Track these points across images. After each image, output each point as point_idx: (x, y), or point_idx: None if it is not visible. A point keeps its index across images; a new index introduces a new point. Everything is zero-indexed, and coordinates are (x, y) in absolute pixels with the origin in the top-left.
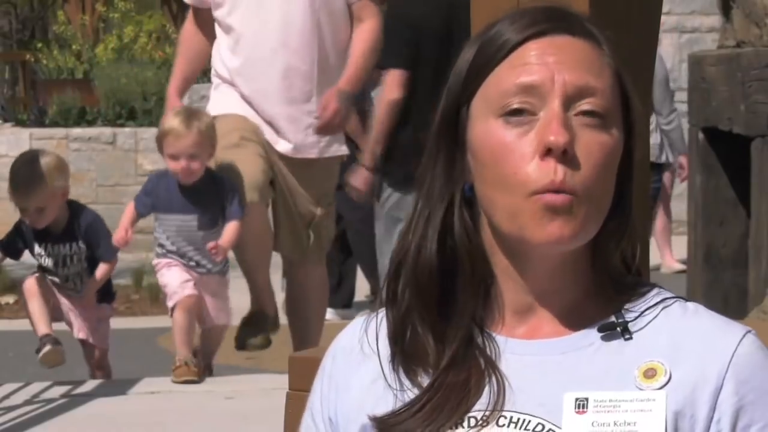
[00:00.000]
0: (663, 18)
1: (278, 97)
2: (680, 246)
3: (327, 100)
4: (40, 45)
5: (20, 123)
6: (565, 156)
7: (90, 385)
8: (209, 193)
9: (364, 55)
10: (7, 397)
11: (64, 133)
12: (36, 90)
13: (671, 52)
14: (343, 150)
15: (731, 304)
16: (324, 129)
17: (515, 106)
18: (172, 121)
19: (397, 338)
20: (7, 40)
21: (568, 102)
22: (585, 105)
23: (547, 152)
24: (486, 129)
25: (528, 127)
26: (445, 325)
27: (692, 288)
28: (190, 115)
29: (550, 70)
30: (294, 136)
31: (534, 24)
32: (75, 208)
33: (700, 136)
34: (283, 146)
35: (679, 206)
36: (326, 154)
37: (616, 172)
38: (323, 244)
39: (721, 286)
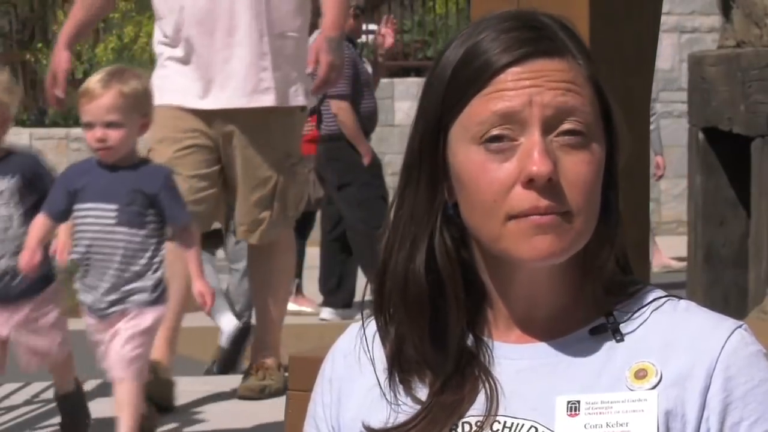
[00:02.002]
0: (663, 18)
1: (225, 42)
2: (680, 245)
3: (317, 53)
4: (40, 45)
5: (20, 123)
6: (549, 183)
7: (90, 385)
8: (139, 182)
9: None
10: (7, 397)
11: (64, 133)
12: (36, 90)
13: (671, 52)
14: (299, 100)
15: (731, 304)
16: (322, 86)
17: (494, 133)
18: (89, 80)
19: (393, 355)
20: (7, 41)
21: (548, 126)
22: (565, 126)
23: (530, 182)
24: (466, 156)
25: (509, 154)
26: (438, 345)
27: (692, 288)
28: (114, 73)
29: (527, 94)
30: (246, 84)
31: (509, 49)
32: (15, 149)
33: (700, 136)
34: (232, 99)
35: (680, 206)
36: (281, 103)
37: (601, 183)
38: (288, 214)
39: (721, 286)
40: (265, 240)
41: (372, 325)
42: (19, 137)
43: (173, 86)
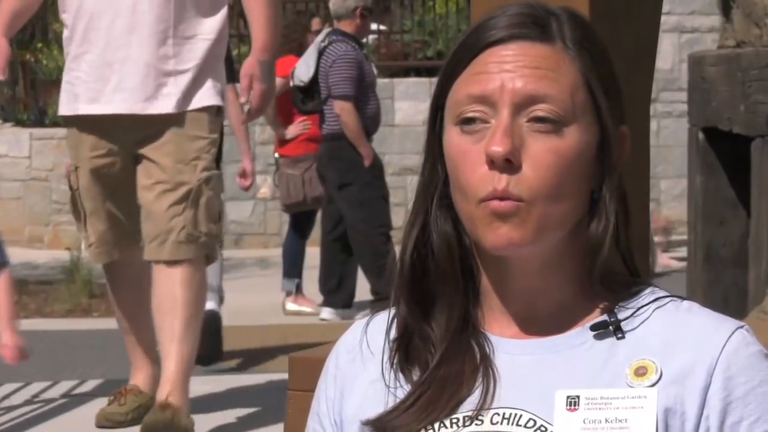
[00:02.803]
0: (663, 18)
1: (123, 41)
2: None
3: (250, 79)
4: (40, 45)
5: (20, 123)
6: (510, 165)
7: (90, 385)
8: None
9: (267, 13)
10: (7, 397)
11: (64, 133)
12: (36, 90)
13: (671, 52)
14: (208, 100)
15: (731, 304)
16: (254, 115)
17: (468, 115)
18: None
19: (397, 338)
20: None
21: (518, 109)
22: (536, 111)
23: (491, 162)
24: (448, 136)
25: (481, 135)
26: (435, 324)
27: (692, 288)
28: None
29: (501, 79)
30: (144, 88)
31: (498, 31)
32: None
33: (700, 136)
34: (129, 104)
35: (680, 206)
36: (187, 107)
37: (580, 174)
38: (200, 229)
39: (721, 286)
40: (175, 255)
41: (377, 319)
42: (18, 137)
43: (76, 93)
